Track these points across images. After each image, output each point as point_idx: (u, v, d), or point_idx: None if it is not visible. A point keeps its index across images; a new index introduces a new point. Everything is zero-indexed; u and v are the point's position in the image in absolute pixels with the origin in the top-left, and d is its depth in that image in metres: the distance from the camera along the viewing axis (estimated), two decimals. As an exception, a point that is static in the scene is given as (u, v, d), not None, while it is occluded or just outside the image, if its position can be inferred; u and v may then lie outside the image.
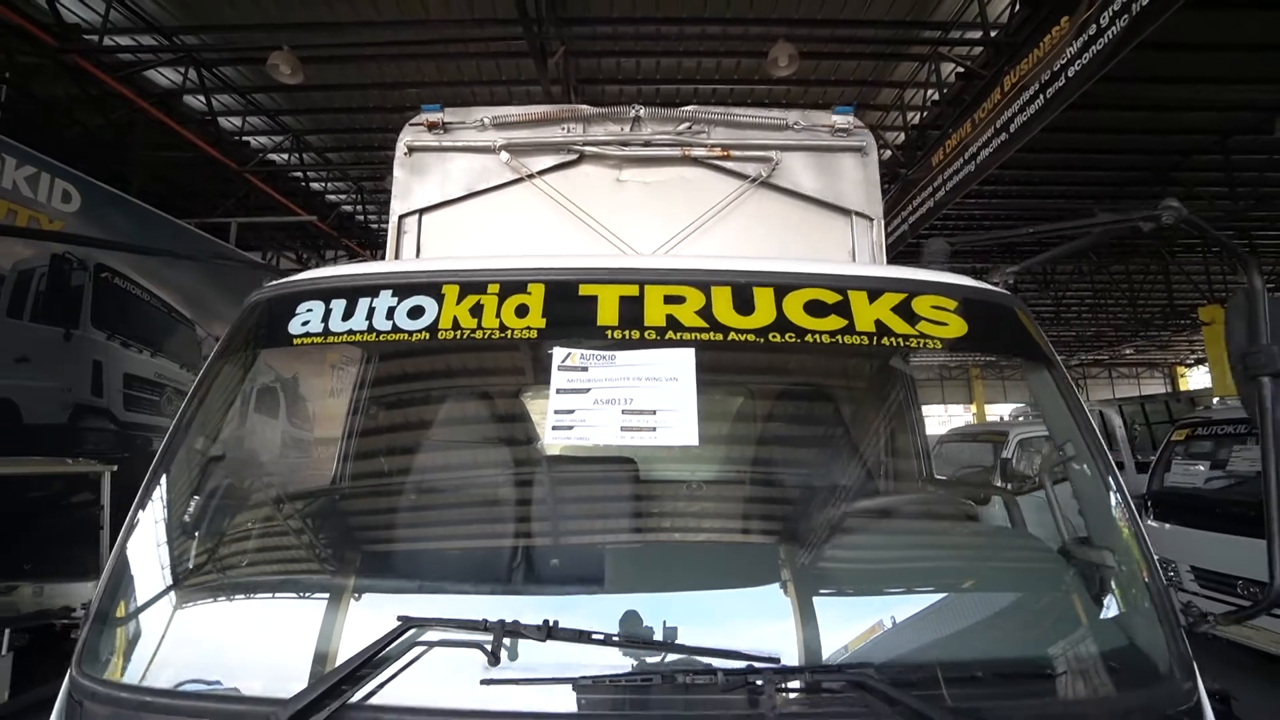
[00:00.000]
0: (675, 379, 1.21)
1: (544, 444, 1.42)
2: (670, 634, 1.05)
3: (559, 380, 1.22)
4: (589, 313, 1.30)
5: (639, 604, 1.12)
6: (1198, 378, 29.64)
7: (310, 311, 1.35)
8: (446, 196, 2.47)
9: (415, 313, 1.32)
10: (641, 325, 1.28)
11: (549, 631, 0.97)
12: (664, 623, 1.06)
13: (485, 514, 1.46)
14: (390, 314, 1.32)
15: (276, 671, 1.04)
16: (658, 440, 1.15)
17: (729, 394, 1.95)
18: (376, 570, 1.39)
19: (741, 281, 1.36)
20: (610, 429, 1.16)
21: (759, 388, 1.94)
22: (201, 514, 1.32)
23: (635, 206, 2.41)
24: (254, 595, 1.28)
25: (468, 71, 8.70)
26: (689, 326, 1.28)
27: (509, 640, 0.98)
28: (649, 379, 1.21)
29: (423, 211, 2.47)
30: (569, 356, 1.24)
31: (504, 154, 2.43)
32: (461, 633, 1.00)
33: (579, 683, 0.94)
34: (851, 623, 1.18)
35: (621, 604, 1.13)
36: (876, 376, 1.95)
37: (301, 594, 1.29)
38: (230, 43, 8.01)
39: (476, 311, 1.31)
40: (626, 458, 1.49)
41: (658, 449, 1.19)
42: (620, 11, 7.47)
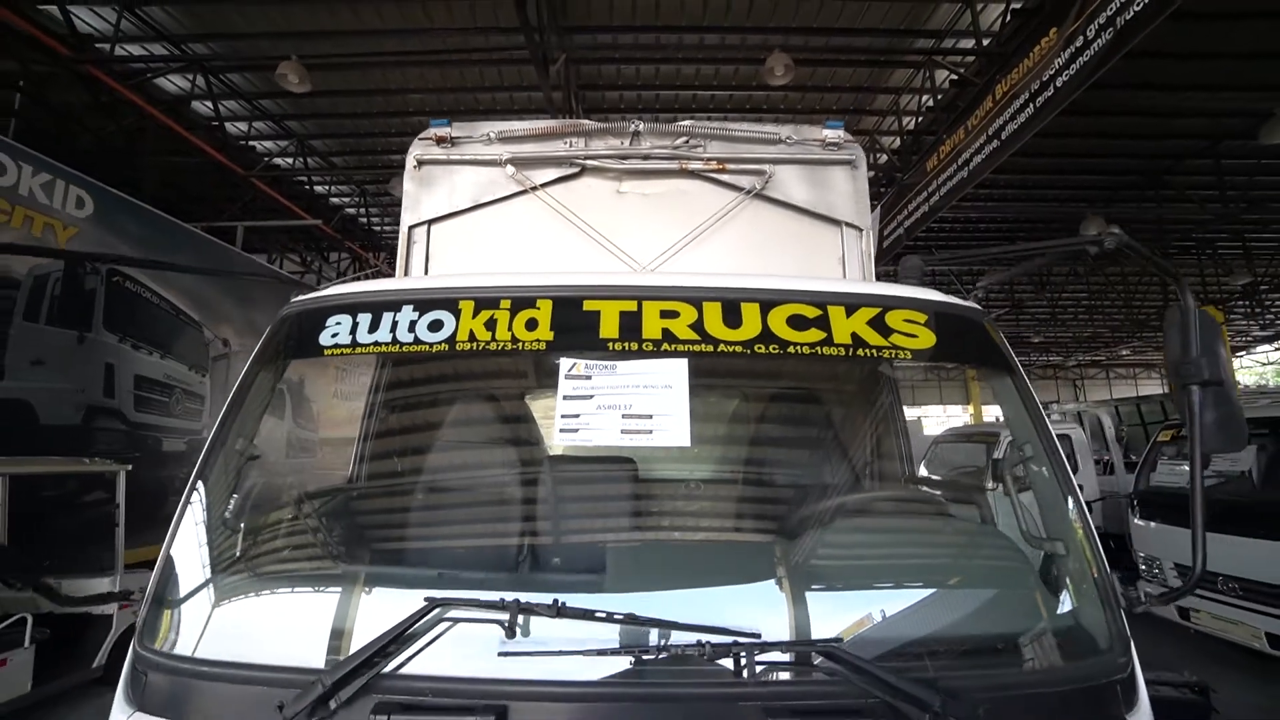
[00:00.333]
0: (670, 386, 1.35)
1: (552, 445, 1.56)
2: (665, 613, 1.18)
3: (565, 388, 1.36)
4: (592, 326, 1.45)
5: (637, 587, 1.27)
6: (1195, 379, 29.54)
7: (339, 324, 1.49)
8: (454, 208, 2.58)
9: (435, 326, 1.46)
10: (640, 338, 1.42)
11: (559, 610, 1.11)
12: (659, 604, 1.21)
13: (502, 511, 1.59)
14: (412, 327, 1.46)
15: (317, 646, 1.18)
16: (654, 441, 1.30)
17: (720, 400, 2.09)
18: (405, 558, 1.54)
19: (730, 297, 1.50)
20: (611, 431, 1.31)
21: (747, 394, 2.08)
22: (241, 508, 1.46)
23: (635, 217, 2.52)
24: (294, 579, 1.43)
25: (470, 78, 8.83)
26: (683, 339, 1.42)
27: (523, 617, 1.12)
28: (646, 386, 1.35)
29: (431, 222, 2.58)
30: (574, 366, 1.38)
31: (509, 167, 2.54)
32: (482, 611, 1.13)
33: (585, 654, 1.08)
34: (828, 605, 1.33)
35: (621, 588, 1.28)
36: (859, 382, 2.09)
37: (336, 578, 1.43)
38: (238, 51, 8.15)
39: (490, 325, 1.45)
40: (627, 458, 1.63)
41: (655, 449, 1.34)
42: (620, 20, 7.59)
